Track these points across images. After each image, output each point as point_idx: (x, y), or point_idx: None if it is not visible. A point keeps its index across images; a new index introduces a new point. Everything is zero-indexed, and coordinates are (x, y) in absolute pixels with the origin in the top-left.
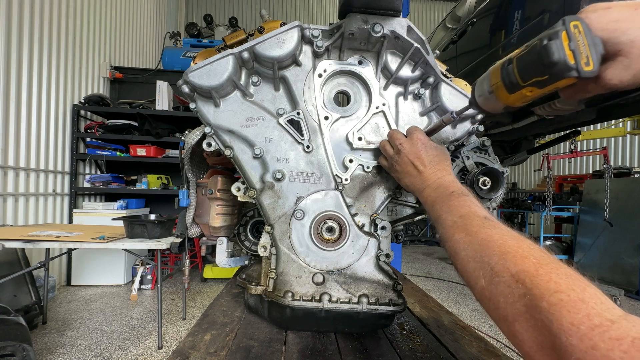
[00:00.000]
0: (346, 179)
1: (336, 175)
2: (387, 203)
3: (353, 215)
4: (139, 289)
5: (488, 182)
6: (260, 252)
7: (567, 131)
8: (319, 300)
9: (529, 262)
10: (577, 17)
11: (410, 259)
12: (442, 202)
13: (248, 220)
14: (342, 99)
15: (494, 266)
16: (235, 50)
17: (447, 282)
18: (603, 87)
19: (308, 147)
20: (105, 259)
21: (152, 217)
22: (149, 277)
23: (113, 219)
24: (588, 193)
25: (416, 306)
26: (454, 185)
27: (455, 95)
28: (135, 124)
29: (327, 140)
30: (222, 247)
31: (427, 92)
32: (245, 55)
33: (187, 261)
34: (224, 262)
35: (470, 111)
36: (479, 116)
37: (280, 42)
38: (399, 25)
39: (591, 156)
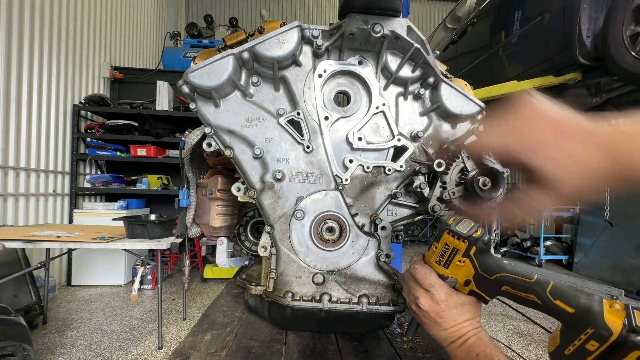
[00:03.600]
0: (346, 179)
1: (336, 175)
2: (387, 203)
3: (353, 216)
4: (139, 289)
5: (488, 182)
6: (261, 252)
7: None
8: (319, 301)
9: None
10: None
11: (410, 259)
12: None
13: (248, 220)
14: (342, 99)
15: None
16: (236, 50)
17: None
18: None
19: (308, 147)
20: (105, 259)
21: (153, 217)
22: (149, 277)
23: (113, 219)
24: None
25: None
26: (479, 346)
27: (455, 95)
28: (136, 124)
29: (327, 140)
30: (222, 247)
31: (427, 92)
32: (246, 55)
33: (187, 261)
34: (224, 262)
35: (472, 111)
36: (479, 116)
37: (280, 43)
38: (399, 25)
39: None
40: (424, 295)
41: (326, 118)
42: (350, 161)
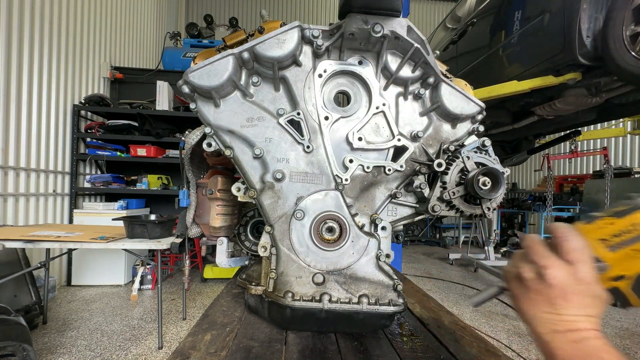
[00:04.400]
0: (346, 179)
1: (336, 175)
2: (387, 203)
3: (353, 216)
4: (139, 289)
5: (488, 182)
6: (261, 252)
7: (568, 131)
8: (319, 301)
9: None
10: None
11: (410, 259)
12: None
13: (248, 220)
14: (342, 99)
15: None
16: (236, 50)
17: (447, 282)
18: None
19: (308, 147)
20: (105, 259)
21: (153, 217)
22: (149, 277)
23: (113, 219)
24: (588, 193)
25: (416, 306)
26: (606, 352)
27: (455, 95)
28: (136, 124)
29: (327, 140)
30: (222, 247)
31: (428, 92)
32: (246, 55)
33: (187, 261)
34: (224, 262)
35: (472, 111)
36: (479, 116)
37: (280, 43)
38: (399, 25)
39: (591, 156)
40: (561, 267)
41: (326, 118)
42: (350, 161)
